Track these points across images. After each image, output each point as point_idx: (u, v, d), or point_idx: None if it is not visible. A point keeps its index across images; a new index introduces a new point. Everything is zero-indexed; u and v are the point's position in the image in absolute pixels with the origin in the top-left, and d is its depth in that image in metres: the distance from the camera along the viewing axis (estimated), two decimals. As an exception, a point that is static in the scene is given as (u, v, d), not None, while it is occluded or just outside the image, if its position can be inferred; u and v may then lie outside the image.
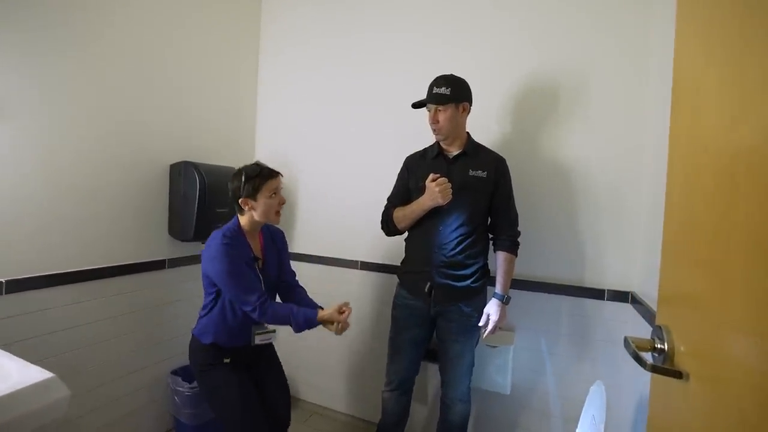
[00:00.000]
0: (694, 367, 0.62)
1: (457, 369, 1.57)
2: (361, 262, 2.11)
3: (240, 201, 1.39)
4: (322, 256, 2.21)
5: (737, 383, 0.50)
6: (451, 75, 1.53)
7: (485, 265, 1.60)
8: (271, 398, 1.50)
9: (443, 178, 1.47)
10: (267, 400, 1.48)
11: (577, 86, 1.70)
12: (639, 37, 1.59)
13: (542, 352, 1.78)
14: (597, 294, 1.68)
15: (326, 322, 1.41)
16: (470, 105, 1.55)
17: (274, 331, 1.47)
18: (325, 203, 2.21)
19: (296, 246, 2.28)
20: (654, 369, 0.66)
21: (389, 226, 1.64)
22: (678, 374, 0.64)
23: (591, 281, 1.70)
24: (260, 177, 1.38)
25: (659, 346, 0.72)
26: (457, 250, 1.51)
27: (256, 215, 1.40)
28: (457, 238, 1.51)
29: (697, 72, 0.69)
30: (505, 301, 1.52)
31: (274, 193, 1.41)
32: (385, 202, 1.69)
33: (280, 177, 1.45)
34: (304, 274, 2.20)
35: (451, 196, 1.47)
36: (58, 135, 1.46)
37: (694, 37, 0.71)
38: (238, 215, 1.44)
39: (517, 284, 1.73)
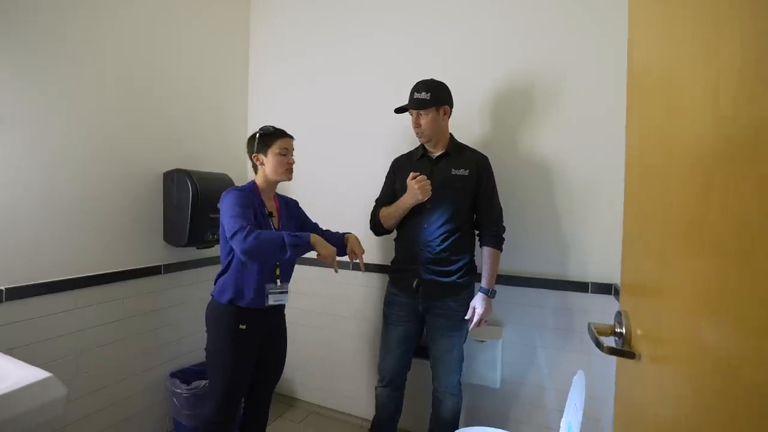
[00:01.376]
0: (645, 348, 0.67)
1: (447, 363, 1.62)
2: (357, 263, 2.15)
3: (252, 156, 1.49)
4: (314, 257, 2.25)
5: (678, 361, 0.55)
6: (431, 80, 1.59)
7: (471, 262, 1.65)
8: (259, 381, 1.57)
9: (422, 176, 1.54)
10: (256, 381, 1.56)
11: (554, 84, 1.75)
12: (615, 32, 1.63)
13: (530, 345, 1.83)
14: (581, 287, 1.73)
15: (320, 252, 1.40)
16: (451, 108, 1.62)
17: (286, 292, 1.51)
18: (320, 206, 2.23)
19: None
20: (611, 351, 0.71)
21: (376, 226, 1.70)
22: (632, 355, 0.69)
23: (575, 275, 1.75)
24: (273, 135, 1.48)
25: (618, 330, 0.76)
26: (443, 246, 1.57)
27: (268, 171, 1.48)
28: (441, 235, 1.57)
29: (644, 60, 0.73)
30: (490, 294, 1.57)
31: (285, 151, 1.47)
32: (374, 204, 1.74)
33: (292, 139, 1.53)
34: (304, 276, 2.27)
35: (430, 192, 1.53)
36: (54, 145, 1.51)
37: (643, 25, 0.75)
38: (254, 175, 1.53)
39: (504, 280, 1.78)
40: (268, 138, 1.47)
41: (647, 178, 0.70)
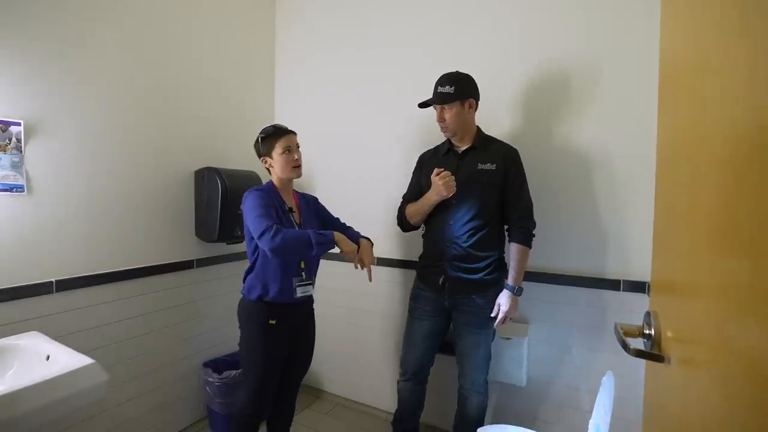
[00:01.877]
0: (675, 351, 0.64)
1: (473, 361, 1.60)
2: (379, 258, 2.17)
3: (261, 160, 1.53)
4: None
5: (708, 365, 0.52)
6: (456, 72, 1.55)
7: (500, 258, 1.61)
8: (288, 373, 1.61)
9: (446, 172, 1.51)
10: (285, 374, 1.60)
11: (588, 72, 1.68)
12: (649, 21, 1.55)
13: (558, 344, 1.78)
14: (613, 285, 1.66)
15: (343, 249, 1.44)
16: (477, 100, 1.57)
17: (311, 283, 1.55)
18: (343, 202, 2.27)
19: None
20: (638, 354, 0.68)
21: (403, 222, 1.70)
22: (660, 358, 0.66)
23: (607, 272, 1.68)
24: (273, 136, 1.49)
25: (647, 331, 0.73)
26: (469, 243, 1.54)
27: (277, 171, 1.51)
28: (468, 231, 1.54)
29: (677, 57, 0.70)
30: (516, 292, 1.54)
31: (288, 150, 1.48)
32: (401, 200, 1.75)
33: (293, 135, 1.53)
34: (327, 272, 2.30)
35: (455, 188, 1.51)
36: (95, 148, 1.61)
37: (677, 18, 0.71)
38: (271, 177, 1.57)
39: (533, 277, 1.75)
40: (270, 139, 1.49)
41: (677, 175, 0.66)
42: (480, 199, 1.54)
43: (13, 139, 1.35)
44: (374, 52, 2.18)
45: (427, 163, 1.68)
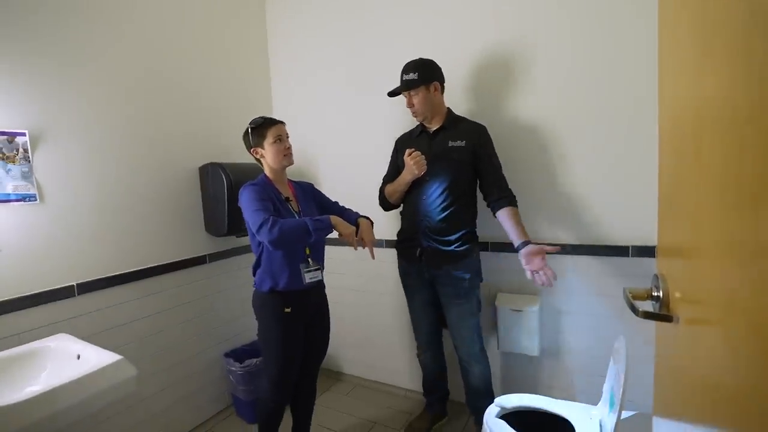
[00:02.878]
0: (682, 311, 0.65)
1: (464, 332, 1.67)
2: (386, 240, 2.19)
3: (252, 151, 1.53)
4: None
5: (713, 323, 0.54)
6: (419, 59, 1.63)
7: (473, 232, 1.70)
8: (307, 358, 1.64)
9: (417, 152, 1.59)
10: (304, 359, 1.62)
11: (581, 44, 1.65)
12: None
13: (570, 312, 1.81)
14: (621, 251, 1.67)
15: (341, 232, 1.46)
16: (441, 83, 1.64)
17: (320, 268, 1.58)
18: (345, 186, 2.30)
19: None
20: (646, 315, 0.70)
21: (384, 202, 1.80)
22: (668, 318, 0.67)
23: (614, 239, 1.69)
24: (263, 126, 1.50)
25: (655, 294, 0.75)
26: (441, 217, 1.62)
27: (269, 161, 1.52)
28: (440, 205, 1.62)
29: (676, 21, 0.69)
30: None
31: (279, 139, 1.50)
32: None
33: (283, 124, 1.54)
34: (335, 256, 2.35)
35: (425, 167, 1.59)
36: (102, 150, 1.63)
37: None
38: (263, 168, 1.57)
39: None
40: (260, 129, 1.49)
41: (680, 139, 0.66)
42: (451, 174, 1.61)
43: (21, 150, 1.37)
44: (368, 37, 2.15)
45: (402, 145, 1.76)
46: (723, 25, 0.48)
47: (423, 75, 1.58)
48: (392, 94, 1.67)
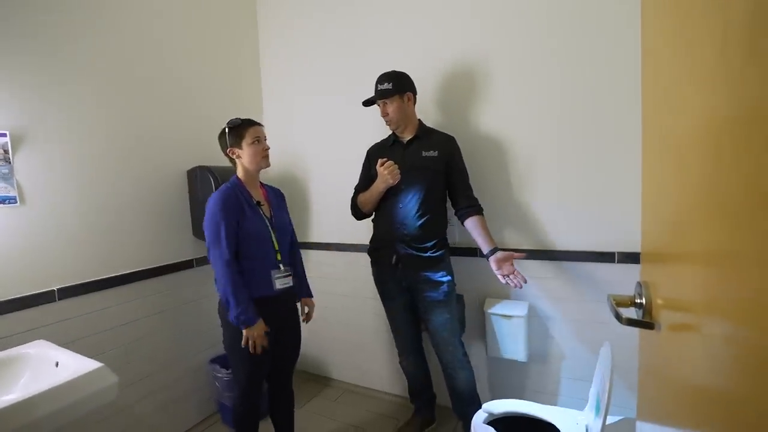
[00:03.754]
0: (664, 318, 0.66)
1: (445, 336, 1.68)
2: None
3: (228, 151, 1.51)
4: (339, 243, 2.32)
5: (692, 329, 0.55)
6: (393, 71, 1.69)
7: (445, 239, 1.74)
8: (279, 362, 1.60)
9: (390, 162, 1.63)
10: (276, 363, 1.59)
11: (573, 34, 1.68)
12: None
13: (557, 318, 1.82)
14: (608, 257, 1.69)
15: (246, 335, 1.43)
16: (414, 94, 1.71)
17: (290, 275, 1.56)
18: (334, 193, 2.29)
19: (313, 236, 2.40)
20: (629, 322, 0.71)
21: (356, 211, 1.81)
22: (650, 325, 0.68)
23: (600, 245, 1.71)
24: (241, 126, 1.48)
25: (638, 301, 0.76)
26: (418, 224, 1.65)
27: (246, 162, 1.49)
28: (417, 213, 1.65)
29: (657, 30, 0.70)
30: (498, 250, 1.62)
31: (257, 140, 1.48)
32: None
33: (262, 126, 1.53)
34: (322, 261, 2.34)
35: (399, 176, 1.63)
36: (86, 153, 1.60)
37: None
38: (236, 169, 1.55)
39: (532, 254, 1.78)
40: (239, 130, 1.47)
41: (663, 150, 0.67)
42: (427, 183, 1.66)
43: (1, 151, 1.34)
44: (359, 42, 2.16)
45: (374, 155, 1.78)
46: (700, 40, 0.50)
47: (397, 85, 1.64)
48: (367, 103, 1.73)
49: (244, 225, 1.44)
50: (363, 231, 2.22)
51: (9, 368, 1.16)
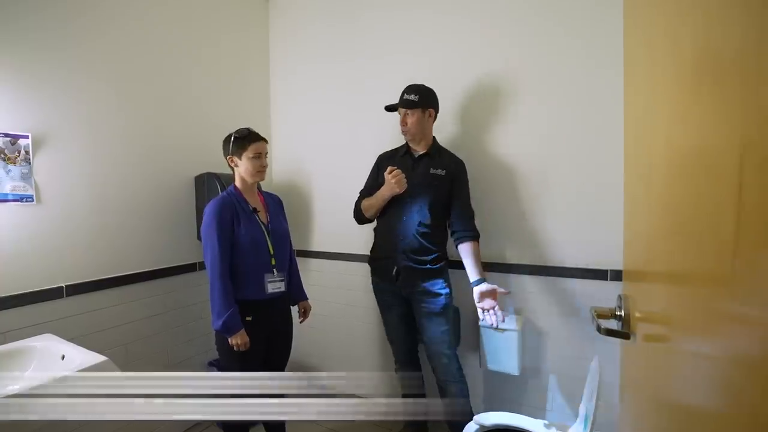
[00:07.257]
0: (639, 329, 0.71)
1: (440, 349, 1.70)
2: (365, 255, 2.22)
3: (227, 158, 1.55)
4: (340, 252, 2.37)
5: (658, 338, 0.59)
6: (421, 84, 1.72)
7: (444, 252, 1.77)
8: (270, 366, 1.62)
9: (398, 170, 1.65)
10: (267, 367, 1.61)
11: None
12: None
13: (550, 333, 1.85)
14: (600, 275, 1.73)
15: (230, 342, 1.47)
16: (436, 112, 1.75)
17: (283, 280, 1.60)
18: (337, 202, 2.34)
19: (315, 244, 2.46)
20: (607, 332, 0.75)
21: (359, 215, 1.84)
22: (626, 335, 0.73)
23: (593, 262, 1.75)
24: (247, 138, 1.52)
25: (618, 313, 0.80)
26: (421, 237, 1.68)
27: (242, 172, 1.54)
28: (420, 226, 1.68)
29: (636, 60, 0.76)
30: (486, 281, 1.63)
31: (258, 156, 1.53)
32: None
33: (266, 142, 1.58)
34: (322, 269, 2.38)
35: (405, 185, 1.65)
36: (101, 157, 1.68)
37: (638, 28, 0.77)
38: (233, 176, 1.60)
39: (527, 270, 1.83)
40: (243, 141, 1.51)
41: (638, 176, 0.73)
42: (429, 198, 1.69)
43: (22, 151, 1.41)
44: (367, 56, 2.24)
45: (385, 163, 1.82)
46: (663, 78, 0.56)
47: (422, 99, 1.68)
48: (390, 108, 1.75)
49: (239, 231, 1.49)
50: (363, 241, 2.28)
51: (16, 360, 1.20)
